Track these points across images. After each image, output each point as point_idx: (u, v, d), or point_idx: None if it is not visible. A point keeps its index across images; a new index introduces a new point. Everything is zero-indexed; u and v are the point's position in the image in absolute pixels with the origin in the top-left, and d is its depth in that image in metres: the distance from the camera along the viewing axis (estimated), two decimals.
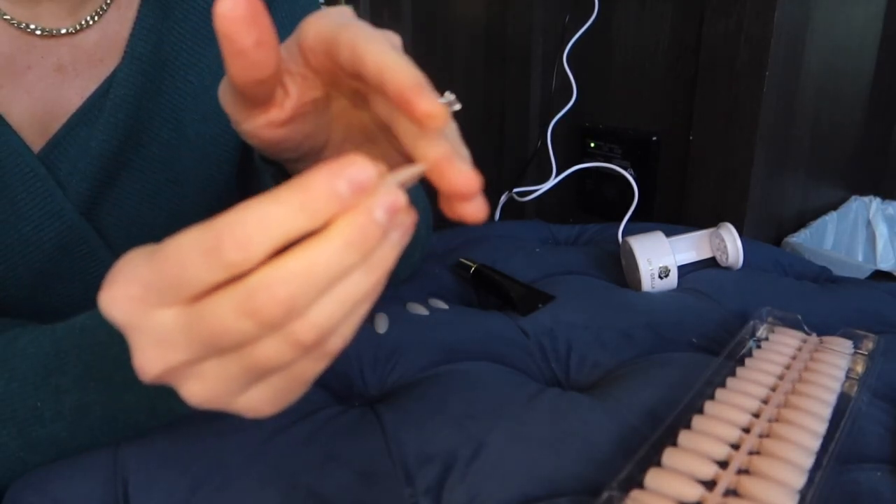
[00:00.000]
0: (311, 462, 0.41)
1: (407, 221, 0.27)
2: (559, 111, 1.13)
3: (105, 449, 0.44)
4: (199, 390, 0.28)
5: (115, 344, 0.40)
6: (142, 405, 0.41)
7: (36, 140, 0.53)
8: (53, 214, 0.53)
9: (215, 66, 0.59)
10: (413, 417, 0.45)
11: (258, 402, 0.29)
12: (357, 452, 0.42)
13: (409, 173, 0.28)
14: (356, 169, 0.24)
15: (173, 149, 0.58)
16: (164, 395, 0.40)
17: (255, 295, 0.24)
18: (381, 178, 0.25)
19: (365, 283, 0.27)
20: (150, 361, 0.27)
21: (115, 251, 0.57)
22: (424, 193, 0.60)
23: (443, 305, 0.61)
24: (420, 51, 1.37)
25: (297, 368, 0.28)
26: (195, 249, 0.25)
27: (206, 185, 0.61)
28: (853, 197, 1.19)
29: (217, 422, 0.45)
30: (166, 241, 0.26)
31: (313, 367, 0.29)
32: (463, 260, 0.71)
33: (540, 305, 0.61)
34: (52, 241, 0.54)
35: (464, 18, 1.30)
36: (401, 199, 0.26)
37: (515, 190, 1.00)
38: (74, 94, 0.55)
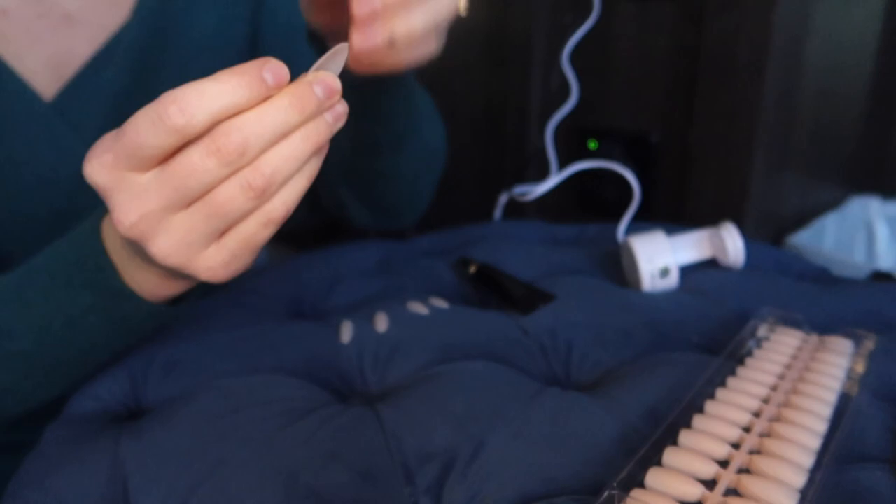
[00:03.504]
0: (310, 461, 0.41)
1: (339, 109, 0.35)
2: (559, 111, 1.13)
3: (105, 447, 0.44)
4: (165, 243, 0.35)
5: (76, 247, 0.44)
6: (98, 306, 0.44)
7: (49, 85, 0.57)
8: (67, 154, 0.57)
9: (215, 27, 0.64)
10: (413, 416, 0.45)
11: (214, 261, 0.36)
12: (357, 451, 0.42)
13: (331, 53, 0.35)
14: (276, 64, 0.33)
15: None
16: (120, 296, 0.43)
17: (216, 138, 0.32)
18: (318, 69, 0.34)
19: (302, 147, 0.34)
20: (126, 213, 0.34)
21: None
22: (438, 114, 0.65)
23: (443, 304, 0.61)
24: None
25: (247, 229, 0.35)
26: (146, 119, 0.32)
27: None
28: (853, 197, 1.19)
29: (217, 421, 0.45)
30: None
31: (262, 233, 0.36)
32: (463, 259, 0.71)
33: (540, 305, 0.61)
34: (67, 180, 0.57)
35: (464, 18, 1.30)
36: (336, 84, 0.34)
37: (515, 190, 1.00)
38: (84, 41, 0.59)
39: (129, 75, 0.59)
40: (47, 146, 0.56)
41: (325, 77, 0.34)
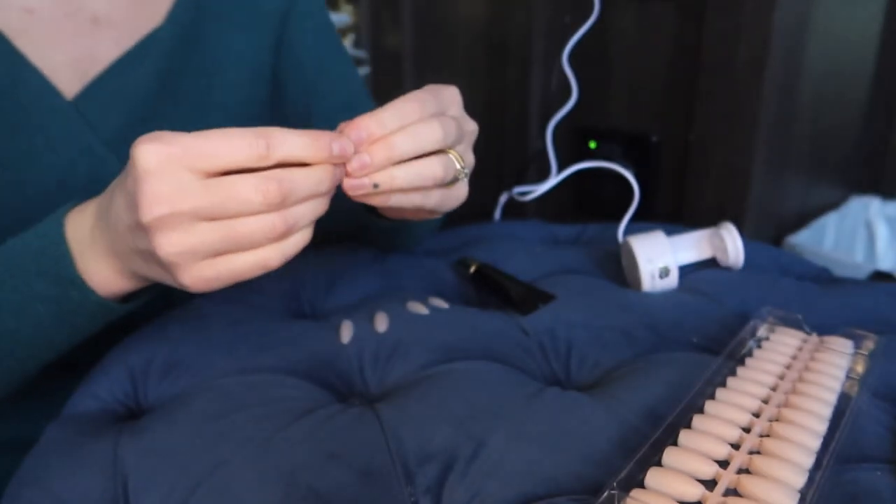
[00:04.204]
0: (310, 461, 0.41)
1: (337, 172, 0.41)
2: (559, 111, 1.13)
3: (105, 446, 0.44)
4: (176, 242, 0.38)
5: (38, 237, 0.46)
6: (48, 294, 0.45)
7: (72, 84, 0.59)
8: (84, 150, 0.58)
9: (242, 48, 0.67)
10: (413, 416, 0.45)
11: (200, 275, 0.39)
12: (357, 451, 0.42)
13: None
14: (345, 142, 0.41)
15: (202, 109, 0.65)
16: (71, 285, 0.45)
17: (270, 179, 0.38)
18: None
19: (321, 210, 0.41)
20: (159, 202, 0.37)
21: None
22: None
23: (443, 304, 0.61)
24: (420, 51, 1.37)
25: (243, 264, 0.40)
26: (244, 136, 0.38)
27: None
28: (853, 197, 1.19)
29: (217, 421, 0.45)
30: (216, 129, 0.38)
31: (251, 272, 0.40)
32: (463, 259, 0.71)
33: (540, 305, 0.61)
34: (85, 175, 0.59)
35: (464, 18, 1.30)
36: (349, 150, 0.41)
37: (515, 190, 1.00)
38: (110, 43, 0.60)
39: (154, 80, 0.61)
40: (66, 143, 0.57)
41: (343, 143, 0.41)
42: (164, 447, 0.43)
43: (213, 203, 0.37)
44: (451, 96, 0.48)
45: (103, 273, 0.45)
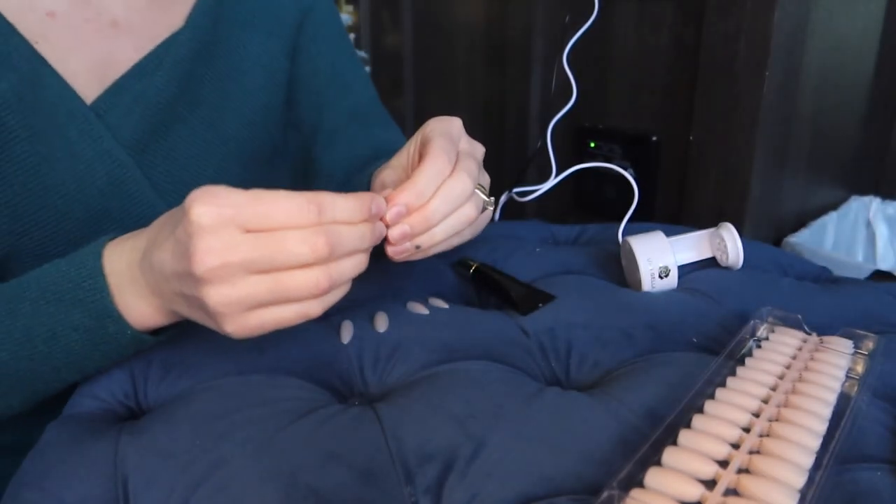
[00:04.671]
0: (311, 461, 0.41)
1: (377, 229, 0.44)
2: (559, 111, 1.13)
3: (105, 446, 0.44)
4: (225, 294, 0.40)
5: (75, 267, 0.47)
6: (84, 324, 0.46)
7: (92, 87, 0.59)
8: (104, 154, 0.58)
9: (259, 53, 0.67)
10: (413, 416, 0.45)
11: (245, 324, 0.41)
12: (357, 451, 0.42)
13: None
14: (380, 201, 0.44)
15: (221, 112, 0.65)
16: (108, 318, 0.46)
17: (319, 234, 0.40)
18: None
19: (362, 266, 0.44)
20: (211, 256, 0.39)
21: (165, 197, 0.63)
22: None
23: (443, 305, 0.61)
24: (420, 51, 1.37)
25: (286, 314, 0.42)
26: (296, 200, 0.40)
27: (251, 147, 0.69)
28: (853, 197, 1.19)
29: (217, 421, 0.45)
30: (267, 190, 0.40)
31: (292, 321, 0.42)
32: (463, 259, 0.71)
33: (540, 305, 0.61)
34: (103, 179, 0.59)
35: (464, 18, 1.30)
36: (382, 208, 0.45)
37: (515, 190, 1.00)
38: (129, 48, 0.61)
39: (173, 84, 0.61)
40: (85, 147, 0.57)
41: (379, 203, 0.44)
42: (164, 447, 0.43)
43: (263, 255, 0.39)
44: (458, 130, 0.51)
45: (142, 309, 0.46)
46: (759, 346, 0.51)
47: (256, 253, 0.39)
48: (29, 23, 0.56)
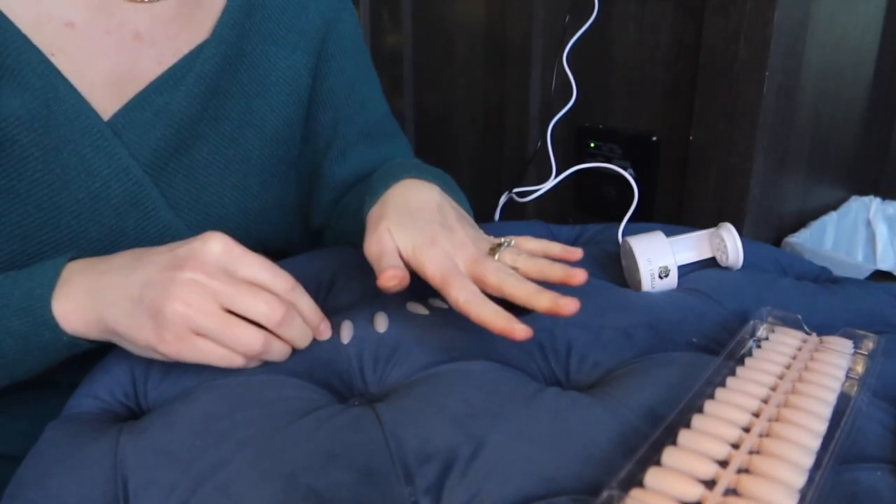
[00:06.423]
0: (310, 461, 0.41)
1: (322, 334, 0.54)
2: (559, 111, 1.13)
3: (105, 446, 0.44)
4: (189, 302, 0.45)
5: (32, 278, 0.48)
6: (20, 331, 0.47)
7: (110, 101, 0.56)
8: (120, 171, 0.56)
9: (283, 69, 0.65)
10: (413, 416, 0.45)
11: (180, 343, 0.46)
12: (357, 451, 0.42)
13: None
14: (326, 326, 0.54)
15: (244, 129, 0.63)
16: (45, 326, 0.47)
17: (281, 303, 0.48)
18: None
19: (301, 340, 0.52)
20: (203, 270, 0.45)
21: (183, 216, 0.61)
22: (461, 192, 0.68)
23: (443, 305, 0.61)
24: (420, 51, 1.37)
25: (219, 352, 0.47)
26: (283, 275, 0.49)
27: (271, 164, 0.67)
28: (853, 197, 1.19)
29: (217, 421, 0.45)
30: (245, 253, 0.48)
31: (222, 361, 0.48)
32: None
33: None
34: (119, 198, 0.57)
35: (464, 18, 1.30)
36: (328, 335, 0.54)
37: (515, 190, 1.01)
38: (151, 61, 0.58)
39: (196, 99, 0.59)
40: (101, 163, 0.55)
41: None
42: (165, 447, 0.43)
43: (235, 294, 0.46)
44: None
45: (85, 319, 0.47)
46: (758, 346, 0.51)
47: (231, 289, 0.45)
48: (45, 34, 0.53)
